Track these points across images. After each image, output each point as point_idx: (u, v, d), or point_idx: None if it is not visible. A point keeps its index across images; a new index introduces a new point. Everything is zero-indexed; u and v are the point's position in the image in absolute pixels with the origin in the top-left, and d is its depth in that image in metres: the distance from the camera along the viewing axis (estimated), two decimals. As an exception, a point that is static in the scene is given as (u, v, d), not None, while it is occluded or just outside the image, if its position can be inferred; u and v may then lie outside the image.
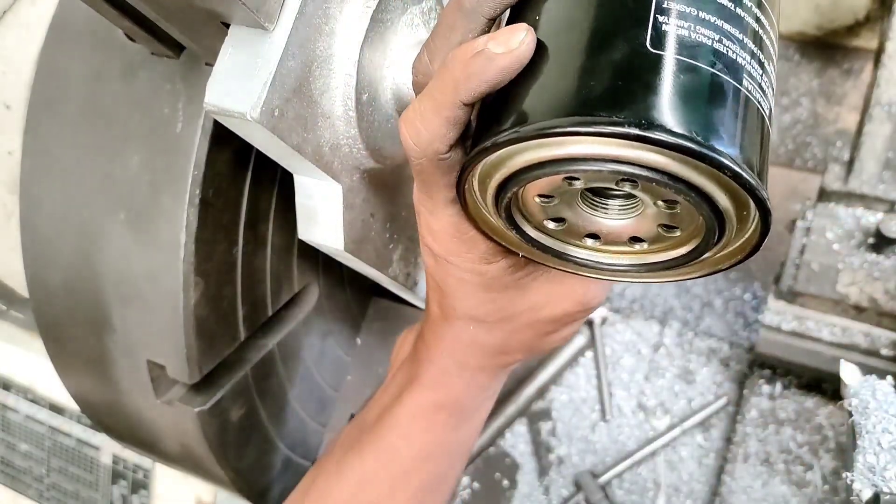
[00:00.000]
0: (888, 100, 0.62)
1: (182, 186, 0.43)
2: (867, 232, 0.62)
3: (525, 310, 0.41)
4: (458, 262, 0.38)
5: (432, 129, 0.31)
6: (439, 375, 0.45)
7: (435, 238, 0.37)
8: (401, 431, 0.45)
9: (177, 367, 0.47)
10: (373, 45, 0.40)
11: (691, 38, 0.27)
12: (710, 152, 0.25)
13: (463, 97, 0.30)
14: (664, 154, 0.26)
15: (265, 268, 0.53)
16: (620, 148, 0.26)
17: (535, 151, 0.28)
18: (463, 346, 0.43)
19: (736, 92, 0.27)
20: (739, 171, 0.26)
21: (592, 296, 0.41)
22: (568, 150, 0.27)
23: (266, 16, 0.34)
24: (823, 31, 0.80)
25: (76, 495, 0.80)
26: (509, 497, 0.68)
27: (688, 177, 0.26)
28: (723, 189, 0.27)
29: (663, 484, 0.66)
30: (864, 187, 0.62)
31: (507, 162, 0.29)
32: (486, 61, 0.28)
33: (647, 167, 0.26)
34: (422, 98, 0.32)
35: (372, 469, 0.46)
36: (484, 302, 0.40)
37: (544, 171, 0.28)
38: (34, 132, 0.47)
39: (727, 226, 0.28)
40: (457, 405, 0.45)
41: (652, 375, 0.70)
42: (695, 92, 0.26)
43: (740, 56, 0.28)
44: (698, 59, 0.27)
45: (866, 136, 0.63)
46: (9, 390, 0.82)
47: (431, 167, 0.33)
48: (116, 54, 0.44)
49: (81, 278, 0.47)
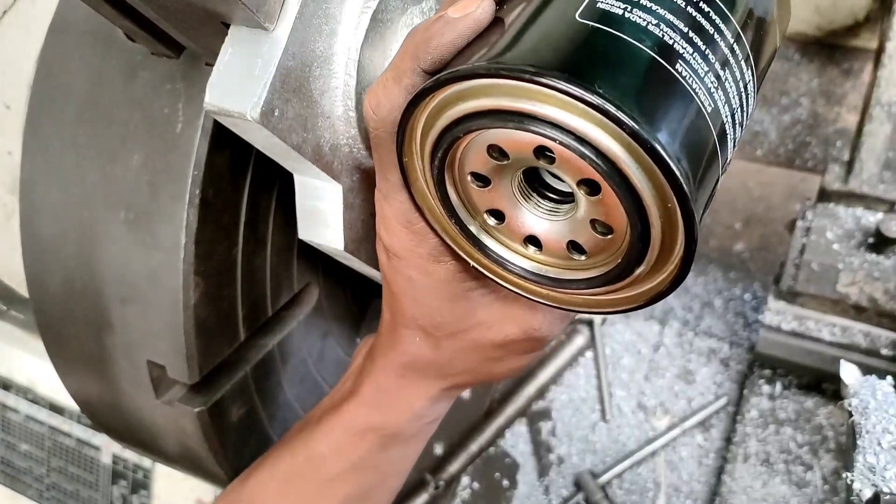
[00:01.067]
0: (888, 100, 0.62)
1: (182, 186, 0.43)
2: (867, 232, 0.62)
3: (471, 326, 0.40)
4: (408, 257, 0.37)
5: (392, 97, 0.32)
6: (377, 395, 0.44)
7: (387, 228, 0.37)
8: (332, 443, 0.45)
9: (177, 367, 0.47)
10: (373, 45, 0.40)
11: (621, 14, 0.28)
12: (627, 119, 0.26)
13: (422, 63, 0.31)
14: (584, 118, 0.27)
15: (265, 268, 0.53)
16: (544, 106, 0.27)
17: (467, 102, 0.29)
18: (407, 359, 0.42)
19: (658, 66, 0.28)
20: (635, 127, 0.26)
21: (539, 324, 0.40)
22: (497, 101, 0.28)
23: (266, 16, 0.34)
24: (823, 32, 0.80)
25: (76, 495, 0.80)
26: (509, 497, 0.68)
27: (599, 142, 0.27)
28: (643, 170, 0.27)
29: (663, 484, 0.66)
30: (864, 187, 0.62)
31: (444, 112, 0.30)
32: (444, 24, 0.30)
33: (563, 129, 0.27)
34: (385, 71, 0.33)
35: (301, 469, 0.46)
36: (432, 311, 0.39)
37: (473, 123, 0.29)
38: (34, 132, 0.47)
39: (650, 219, 0.28)
40: (389, 429, 0.45)
41: (652, 375, 0.70)
42: (617, 59, 0.27)
43: (677, 43, 0.28)
44: (623, 32, 0.28)
45: (866, 136, 0.63)
46: (9, 390, 0.82)
47: (389, 140, 0.33)
48: (116, 54, 0.44)
49: (81, 278, 0.47)
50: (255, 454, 0.57)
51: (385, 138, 0.34)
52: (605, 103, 0.26)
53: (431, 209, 0.35)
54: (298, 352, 0.61)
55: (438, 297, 0.39)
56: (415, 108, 0.30)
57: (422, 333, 0.41)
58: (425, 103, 0.30)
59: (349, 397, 0.45)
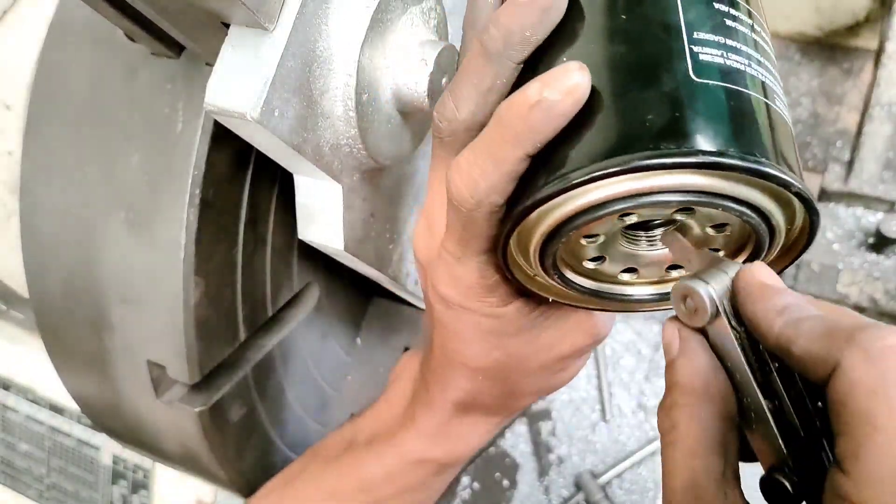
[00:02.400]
0: (888, 100, 0.62)
1: (182, 186, 0.43)
2: (867, 232, 0.62)
3: (537, 351, 0.39)
4: (477, 307, 0.36)
5: (491, 181, 0.30)
6: (436, 429, 0.43)
7: (455, 285, 0.36)
8: (385, 468, 0.45)
9: (177, 368, 0.47)
10: (373, 45, 0.40)
11: (727, 64, 0.28)
12: (777, 172, 0.26)
13: (528, 150, 0.29)
14: (729, 178, 0.26)
15: (265, 268, 0.53)
16: (688, 176, 0.26)
17: (594, 193, 0.27)
18: (468, 398, 0.42)
19: (772, 111, 0.28)
20: (801, 187, 0.27)
21: (602, 325, 0.40)
22: (633, 185, 0.27)
23: (266, 16, 0.34)
24: (823, 31, 0.80)
25: (76, 495, 0.80)
26: (509, 497, 0.68)
27: (749, 197, 0.27)
28: (778, 203, 0.28)
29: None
30: (864, 187, 0.62)
31: (556, 210, 0.29)
32: (547, 110, 0.28)
33: (712, 193, 0.27)
34: (476, 151, 0.31)
35: (350, 489, 0.46)
36: (497, 348, 0.38)
37: (605, 210, 0.28)
38: (34, 132, 0.47)
39: (776, 238, 0.29)
40: (446, 461, 0.45)
41: (652, 375, 0.70)
42: (747, 115, 0.27)
43: (766, 77, 0.29)
44: (739, 84, 0.28)
45: (866, 136, 0.63)
46: (9, 390, 0.82)
47: (482, 219, 0.32)
48: (116, 54, 0.44)
49: (81, 278, 0.47)
50: (256, 454, 0.57)
51: (477, 217, 0.32)
52: (771, 170, 0.26)
53: (518, 267, 0.34)
54: (299, 352, 0.61)
55: (504, 336, 0.38)
56: (538, 208, 0.29)
57: (485, 373, 0.40)
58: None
59: (406, 426, 0.44)
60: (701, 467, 0.27)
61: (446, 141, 0.35)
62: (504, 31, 0.30)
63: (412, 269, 0.55)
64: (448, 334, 0.39)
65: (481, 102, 0.32)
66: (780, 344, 0.26)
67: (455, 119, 0.33)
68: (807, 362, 0.25)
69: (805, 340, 0.25)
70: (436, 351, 0.41)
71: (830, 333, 0.24)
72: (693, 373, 0.28)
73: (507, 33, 0.30)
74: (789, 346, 0.25)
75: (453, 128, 0.34)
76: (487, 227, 0.32)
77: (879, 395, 0.22)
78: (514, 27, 0.30)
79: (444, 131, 0.34)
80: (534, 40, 0.30)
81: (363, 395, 0.70)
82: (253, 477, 0.57)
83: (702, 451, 0.27)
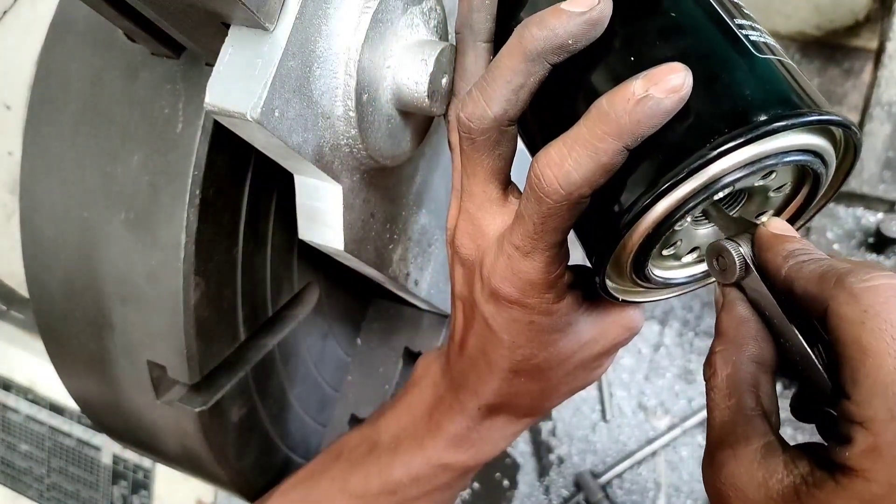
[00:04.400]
0: (888, 100, 0.62)
1: (182, 186, 0.43)
2: (867, 232, 0.62)
3: (580, 347, 0.40)
4: (535, 304, 0.36)
5: (585, 173, 0.31)
6: (465, 435, 0.44)
7: (516, 280, 0.36)
8: (412, 473, 0.45)
9: (177, 368, 0.47)
10: (373, 45, 0.40)
11: (763, 41, 0.31)
12: (844, 119, 0.30)
13: (629, 143, 0.30)
14: (811, 132, 0.30)
15: (265, 268, 0.53)
16: (800, 135, 0.30)
17: (718, 165, 0.30)
18: (503, 401, 0.42)
19: (799, 71, 0.32)
20: (850, 123, 0.30)
21: (639, 318, 0.41)
22: (755, 151, 0.29)
23: (266, 16, 0.34)
24: (823, 31, 0.80)
25: (76, 495, 0.80)
26: (509, 497, 0.68)
27: (817, 145, 0.31)
28: (833, 144, 0.32)
29: (664, 484, 0.66)
30: (864, 187, 0.62)
31: (676, 192, 0.30)
32: (654, 105, 0.29)
33: (803, 150, 0.30)
34: (569, 143, 0.31)
35: (375, 492, 0.46)
36: (545, 346, 0.39)
37: (726, 181, 0.30)
38: (34, 132, 0.47)
39: (828, 171, 0.33)
40: (473, 464, 0.45)
41: (652, 375, 0.70)
42: (798, 77, 0.31)
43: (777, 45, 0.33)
44: (777, 54, 0.32)
45: (866, 136, 0.63)
46: (9, 390, 0.82)
47: (565, 212, 0.32)
48: (116, 54, 0.44)
49: (81, 278, 0.47)
50: (256, 454, 0.57)
51: (563, 209, 0.32)
52: (839, 117, 0.30)
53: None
54: (299, 352, 0.61)
55: (556, 331, 0.38)
56: (654, 205, 0.31)
57: (526, 373, 0.40)
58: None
59: (433, 432, 0.44)
60: (734, 405, 0.30)
61: (479, 141, 0.35)
62: (549, 33, 0.31)
63: (412, 269, 0.55)
64: (492, 337, 0.39)
65: (512, 100, 0.33)
66: (786, 285, 0.29)
67: (486, 117, 0.34)
68: (806, 301, 0.28)
69: (804, 281, 0.28)
70: (470, 355, 0.41)
71: (824, 276, 0.28)
72: (727, 323, 0.32)
73: (551, 36, 0.31)
74: (792, 286, 0.29)
75: (484, 126, 0.34)
76: (567, 219, 0.33)
77: (865, 325, 0.26)
78: (560, 31, 0.31)
79: (475, 131, 0.35)
80: (573, 48, 0.32)
81: (363, 395, 0.70)
82: (253, 477, 0.57)
83: (734, 390, 0.31)
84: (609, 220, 0.32)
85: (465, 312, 0.41)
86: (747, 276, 0.31)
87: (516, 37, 0.32)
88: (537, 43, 0.31)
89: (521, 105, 0.34)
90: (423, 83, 0.40)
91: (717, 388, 0.31)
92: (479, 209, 0.37)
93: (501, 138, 0.35)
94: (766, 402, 0.31)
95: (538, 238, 0.34)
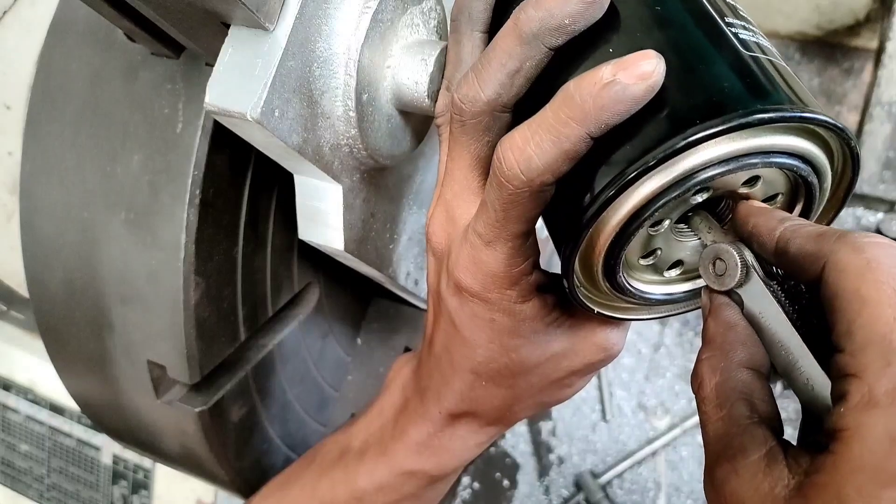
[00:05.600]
0: (888, 99, 0.62)
1: (182, 186, 0.43)
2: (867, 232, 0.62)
3: (546, 360, 0.38)
4: (496, 299, 0.35)
5: (548, 159, 0.30)
6: (428, 441, 0.42)
7: (477, 272, 0.34)
8: (376, 481, 0.44)
9: (177, 368, 0.47)
10: (373, 45, 0.40)
11: (754, 40, 0.31)
12: (831, 119, 0.28)
13: (592, 130, 0.29)
14: (798, 135, 0.29)
15: (265, 268, 0.53)
16: (772, 138, 0.28)
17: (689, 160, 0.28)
18: (467, 407, 0.40)
19: (789, 70, 0.31)
20: (839, 124, 0.29)
21: (615, 341, 0.39)
22: (731, 147, 0.28)
23: (266, 16, 0.34)
24: (823, 31, 0.80)
25: (76, 496, 0.80)
26: (509, 497, 0.68)
27: (807, 151, 0.29)
28: (824, 150, 0.30)
29: (664, 484, 0.66)
30: (864, 187, 0.62)
31: (643, 187, 0.29)
32: (620, 91, 0.28)
33: (788, 153, 0.29)
34: (534, 127, 0.30)
35: (343, 500, 0.45)
36: (507, 351, 0.37)
37: (699, 178, 0.28)
38: (34, 132, 0.47)
39: (825, 183, 0.31)
40: (438, 473, 0.44)
41: (652, 375, 0.70)
42: (787, 75, 0.30)
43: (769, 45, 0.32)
44: (768, 54, 0.30)
45: (866, 136, 0.63)
46: (9, 391, 0.82)
47: (527, 199, 0.31)
48: (116, 54, 0.44)
49: (81, 278, 0.47)
50: (256, 454, 0.57)
51: (524, 196, 0.31)
52: (821, 116, 0.28)
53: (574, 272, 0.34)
54: (299, 352, 0.61)
55: (519, 336, 0.37)
56: (619, 196, 0.29)
57: (489, 378, 0.39)
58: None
59: (397, 438, 0.43)
60: (727, 416, 0.28)
61: (469, 124, 0.34)
62: (544, 13, 0.30)
63: (412, 268, 0.55)
64: (455, 334, 0.38)
65: (507, 84, 0.32)
66: (779, 246, 0.28)
67: (479, 100, 0.33)
68: (802, 260, 0.27)
69: (802, 240, 0.28)
70: (436, 353, 0.40)
71: (823, 234, 0.27)
72: (715, 329, 0.30)
73: (546, 16, 0.30)
74: (787, 246, 0.28)
75: (476, 109, 0.33)
76: (530, 208, 0.31)
77: (866, 276, 0.25)
78: (555, 11, 0.30)
79: (466, 113, 0.33)
80: (570, 30, 0.30)
81: (363, 395, 0.70)
82: (253, 477, 0.57)
83: (725, 400, 0.29)
84: (575, 213, 0.30)
85: (434, 307, 0.40)
86: (746, 281, 0.30)
87: (512, 19, 0.31)
88: (532, 24, 0.30)
89: (516, 90, 0.32)
90: (423, 83, 0.40)
91: (707, 400, 0.29)
92: (456, 197, 0.36)
93: (493, 124, 0.34)
94: (762, 408, 0.28)
95: (500, 227, 0.32)
